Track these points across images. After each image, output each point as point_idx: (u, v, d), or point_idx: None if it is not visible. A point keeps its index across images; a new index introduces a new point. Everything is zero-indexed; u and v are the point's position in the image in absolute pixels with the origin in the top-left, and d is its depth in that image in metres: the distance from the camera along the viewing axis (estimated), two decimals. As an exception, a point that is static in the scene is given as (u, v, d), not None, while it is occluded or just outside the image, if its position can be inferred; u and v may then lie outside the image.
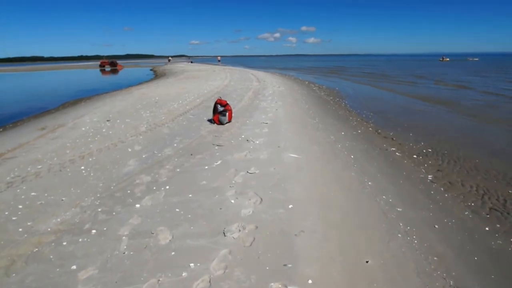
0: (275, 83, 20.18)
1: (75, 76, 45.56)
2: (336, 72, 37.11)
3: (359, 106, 13.10)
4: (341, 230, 3.39)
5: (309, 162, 5.46)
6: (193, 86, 18.52)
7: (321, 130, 8.03)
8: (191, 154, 6.01)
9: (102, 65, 64.17)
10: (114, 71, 54.55)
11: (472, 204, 4.41)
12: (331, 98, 15.26)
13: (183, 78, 25.47)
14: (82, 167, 5.59)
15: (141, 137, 7.47)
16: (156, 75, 36.73)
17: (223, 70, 35.50)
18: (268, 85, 18.66)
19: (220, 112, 8.36)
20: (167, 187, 4.58)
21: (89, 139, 7.43)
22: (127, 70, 55.06)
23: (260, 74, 30.06)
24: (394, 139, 7.93)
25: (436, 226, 3.65)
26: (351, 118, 10.47)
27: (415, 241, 3.33)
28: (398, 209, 3.98)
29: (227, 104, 8.48)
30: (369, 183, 4.80)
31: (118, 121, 9.39)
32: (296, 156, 5.59)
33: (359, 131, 8.56)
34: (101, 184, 4.85)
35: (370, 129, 9.04)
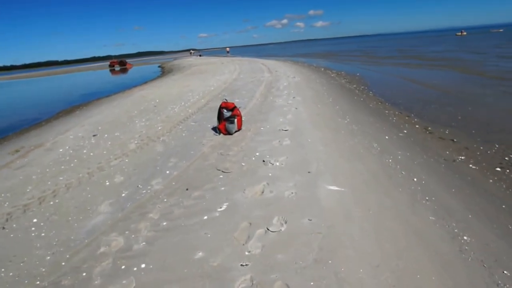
0: (288, 72, 18.23)
1: (83, 79, 44.71)
2: (351, 55, 34.75)
3: (390, 94, 11.13)
4: None
5: (358, 198, 3.65)
6: (198, 82, 16.76)
7: (358, 135, 6.19)
8: (187, 189, 4.29)
9: (111, 65, 63.74)
10: (124, 70, 53.78)
11: None
12: (355, 86, 13.32)
13: (189, 74, 23.72)
14: (35, 220, 3.96)
15: (126, 160, 5.80)
16: (163, 72, 35.21)
17: (231, 62, 33.58)
18: (281, 75, 16.75)
19: (227, 119, 6.60)
20: (143, 265, 2.87)
21: (63, 167, 5.80)
22: (136, 69, 54.17)
23: (271, 63, 28.03)
24: (455, 140, 6.06)
25: None
26: (387, 112, 8.58)
27: None
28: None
29: (235, 107, 6.71)
30: (465, 237, 2.98)
31: (106, 135, 7.76)
32: (337, 188, 3.79)
33: (405, 132, 6.70)
34: (48, 257, 3.18)
35: (417, 126, 7.17)
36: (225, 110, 6.61)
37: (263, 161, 4.87)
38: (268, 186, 4.01)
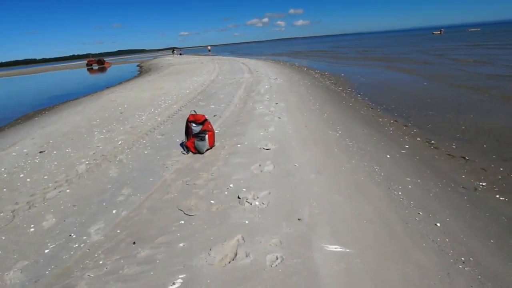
0: (270, 73, 17.17)
1: (57, 78, 42.70)
2: (331, 55, 33.93)
3: (379, 98, 10.18)
4: None
5: (371, 266, 2.57)
6: (174, 84, 15.51)
7: (355, 154, 5.15)
8: (134, 243, 3.13)
9: (89, 64, 61.64)
10: (102, 69, 52.01)
11: None
12: (341, 88, 12.33)
13: (166, 74, 22.37)
14: None
15: (68, 190, 4.60)
16: (141, 71, 33.73)
17: (211, 61, 32.30)
18: (262, 76, 15.67)
19: (197, 135, 5.45)
20: None
21: (-15, 200, 4.54)
22: (114, 68, 52.44)
23: (252, 62, 26.91)
24: (467, 158, 5.10)
25: None
26: (380, 120, 7.59)
27: None
28: None
29: (206, 120, 5.56)
30: None
31: (55, 152, 6.52)
32: (340, 249, 2.69)
33: (407, 147, 5.70)
34: None
35: (418, 139, 6.20)
36: (193, 124, 5.46)
37: (239, 197, 3.75)
38: (243, 243, 2.89)
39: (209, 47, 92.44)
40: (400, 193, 3.90)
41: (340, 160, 4.86)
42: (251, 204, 3.55)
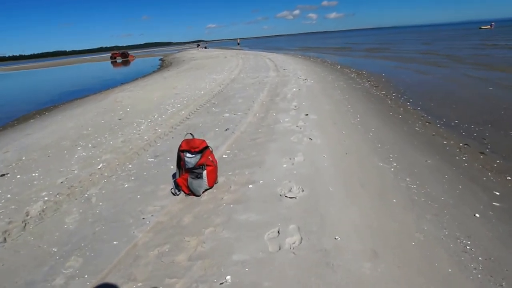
0: (299, 71, 15.33)
1: (78, 72, 42.76)
2: (368, 50, 31.51)
3: (435, 108, 8.18)
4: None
5: None
6: (189, 82, 13.99)
7: (423, 208, 3.38)
8: None
9: (113, 57, 62.11)
10: (125, 62, 52.36)
11: None
12: (384, 92, 10.33)
13: (185, 70, 20.92)
14: None
15: (-9, 257, 3.03)
16: (162, 65, 32.79)
17: (235, 56, 30.66)
18: (290, 75, 13.88)
19: (191, 171, 3.78)
20: None
21: None
22: (138, 61, 52.80)
23: (279, 58, 25.05)
24: None
25: None
26: (445, 142, 5.70)
27: None
28: None
29: (207, 148, 3.88)
30: None
31: (18, 176, 5.11)
32: None
33: (497, 194, 3.86)
34: None
35: (509, 178, 4.31)
36: (188, 155, 3.79)
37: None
38: None
39: (238, 40, 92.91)
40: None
41: (405, 225, 3.08)
42: None
